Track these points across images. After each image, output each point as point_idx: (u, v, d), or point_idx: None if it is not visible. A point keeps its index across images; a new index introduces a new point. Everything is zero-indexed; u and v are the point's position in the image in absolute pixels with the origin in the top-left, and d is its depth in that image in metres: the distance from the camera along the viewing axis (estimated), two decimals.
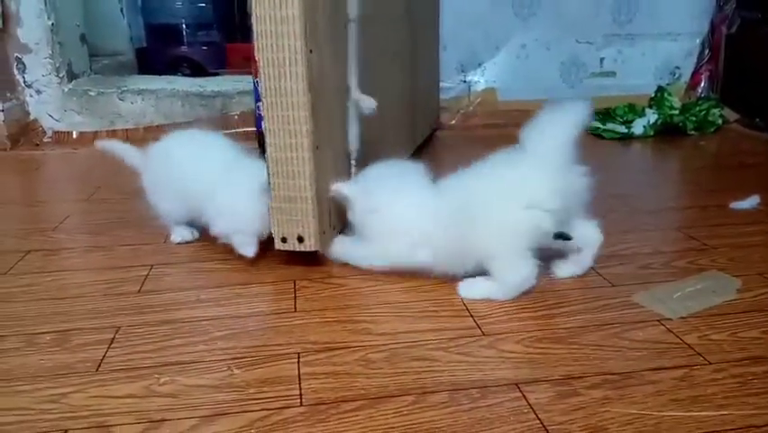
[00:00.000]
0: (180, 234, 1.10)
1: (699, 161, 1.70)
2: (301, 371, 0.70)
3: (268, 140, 0.91)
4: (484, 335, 0.76)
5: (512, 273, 0.85)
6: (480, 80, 2.13)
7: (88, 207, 1.34)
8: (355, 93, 1.04)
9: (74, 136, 1.99)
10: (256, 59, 0.88)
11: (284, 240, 0.95)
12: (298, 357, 0.72)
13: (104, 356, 0.74)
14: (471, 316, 0.81)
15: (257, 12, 0.86)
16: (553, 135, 0.84)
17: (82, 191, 1.47)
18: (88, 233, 1.17)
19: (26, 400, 0.66)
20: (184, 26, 3.37)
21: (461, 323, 0.79)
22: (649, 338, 0.75)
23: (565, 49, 2.13)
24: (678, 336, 0.75)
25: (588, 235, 0.91)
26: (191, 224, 1.10)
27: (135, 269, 0.99)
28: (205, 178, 1.01)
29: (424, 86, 1.77)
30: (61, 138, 1.98)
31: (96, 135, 1.99)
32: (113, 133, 2.01)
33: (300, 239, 0.94)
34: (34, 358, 0.74)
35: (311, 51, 0.87)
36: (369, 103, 1.04)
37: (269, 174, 0.92)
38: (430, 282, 0.92)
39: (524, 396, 0.64)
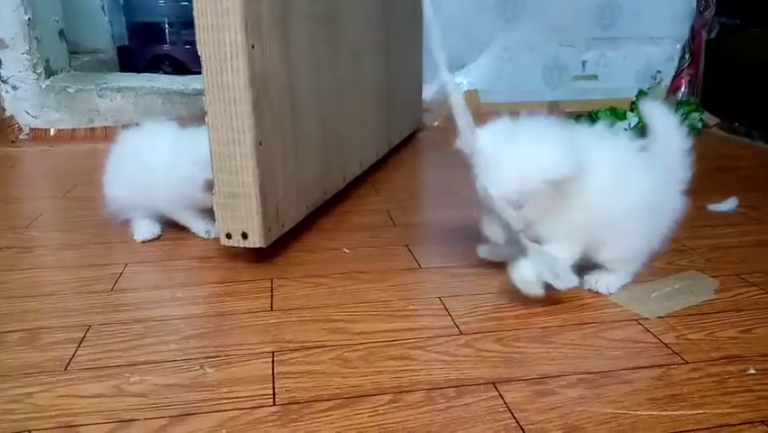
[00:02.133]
0: (142, 232, 1.08)
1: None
2: (275, 370, 0.68)
3: (210, 135, 0.90)
4: (462, 334, 0.76)
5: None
6: (463, 82, 2.13)
7: (64, 205, 1.31)
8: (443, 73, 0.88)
9: (51, 133, 1.96)
10: (198, 53, 0.87)
11: (228, 236, 0.94)
12: (273, 356, 0.71)
13: (73, 355, 0.72)
14: (450, 315, 0.80)
15: (198, 5, 0.85)
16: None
17: (58, 189, 1.44)
18: (62, 230, 1.15)
19: None
20: (167, 24, 3.33)
21: (439, 322, 0.79)
22: (627, 338, 0.75)
23: (548, 51, 2.14)
24: (655, 336, 0.75)
25: None
26: (155, 219, 1.11)
27: (109, 267, 0.97)
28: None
29: (403, 86, 1.76)
30: (38, 135, 1.95)
31: (74, 133, 1.97)
32: (91, 131, 1.98)
33: (245, 235, 0.93)
34: (1, 357, 0.72)
35: (253, 47, 0.87)
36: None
37: (213, 169, 0.91)
38: (410, 282, 0.91)
39: (500, 395, 0.63)
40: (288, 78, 0.99)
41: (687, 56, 2.18)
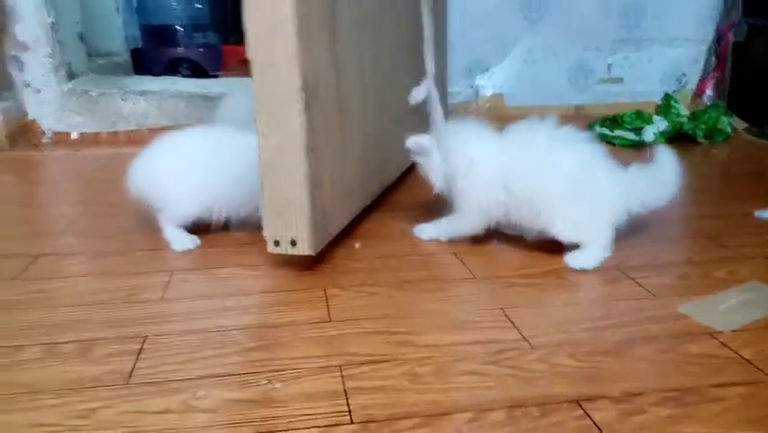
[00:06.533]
0: (182, 242, 1.05)
1: (713, 169, 1.68)
2: (346, 385, 0.66)
3: (260, 142, 0.88)
4: (532, 347, 0.73)
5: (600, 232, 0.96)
6: (487, 85, 2.11)
7: (95, 210, 1.29)
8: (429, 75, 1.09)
9: (73, 137, 1.94)
10: (249, 58, 0.85)
11: (277, 243, 0.92)
12: (341, 370, 0.69)
13: (133, 368, 0.69)
14: (516, 327, 0.78)
15: (249, 10, 0.83)
16: None
17: (86, 193, 1.42)
18: (99, 237, 1.12)
19: (54, 416, 0.61)
20: (180, 27, 3.32)
21: (506, 334, 0.76)
22: (704, 352, 0.72)
23: (573, 54, 2.12)
24: (734, 351, 0.72)
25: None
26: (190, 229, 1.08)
27: (155, 275, 0.95)
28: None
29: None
30: (61, 139, 1.93)
31: (96, 137, 1.95)
32: (114, 135, 1.96)
33: (293, 243, 0.91)
34: (58, 370, 0.69)
35: (305, 51, 0.85)
36: (416, 93, 1.07)
37: (261, 176, 0.89)
38: (467, 292, 0.89)
39: (587, 414, 0.61)
40: (335, 82, 0.97)
41: (713, 59, 2.16)
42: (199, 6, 3.32)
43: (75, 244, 1.10)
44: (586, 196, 0.94)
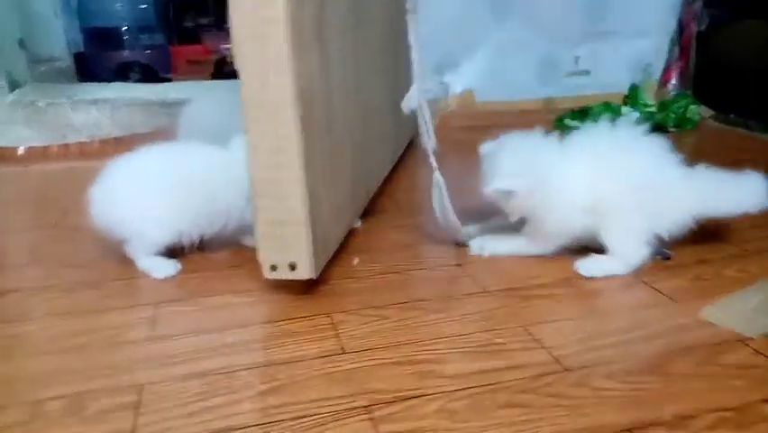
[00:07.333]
0: (163, 269, 0.97)
1: (690, 159, 1.68)
2: (379, 429, 0.60)
3: (251, 158, 0.81)
4: (567, 370, 0.69)
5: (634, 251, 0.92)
6: (457, 81, 2.06)
7: (60, 235, 1.18)
8: (417, 89, 1.01)
9: (20, 152, 1.80)
10: (236, 66, 0.78)
11: (274, 268, 0.85)
12: (369, 412, 0.63)
13: (134, 426, 0.62)
14: (543, 347, 0.73)
15: (235, 14, 0.76)
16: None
17: (43, 216, 1.30)
18: (67, 266, 1.02)
19: None
20: (124, 29, 3.17)
21: (535, 357, 0.72)
22: (742, 363, 0.69)
23: (541, 48, 2.10)
24: None
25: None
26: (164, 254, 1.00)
27: (137, 309, 0.86)
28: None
29: (405, 90, 1.69)
30: (5, 154, 1.78)
31: (45, 150, 1.81)
32: (65, 148, 1.82)
33: (293, 267, 0.84)
34: None
35: (299, 59, 0.78)
36: (408, 102, 1.01)
37: (253, 196, 0.82)
38: (481, 309, 0.84)
39: None
40: (326, 90, 0.91)
41: (676, 49, 2.18)
42: (143, 6, 3.16)
43: (42, 276, 0.99)
44: (647, 207, 0.91)
